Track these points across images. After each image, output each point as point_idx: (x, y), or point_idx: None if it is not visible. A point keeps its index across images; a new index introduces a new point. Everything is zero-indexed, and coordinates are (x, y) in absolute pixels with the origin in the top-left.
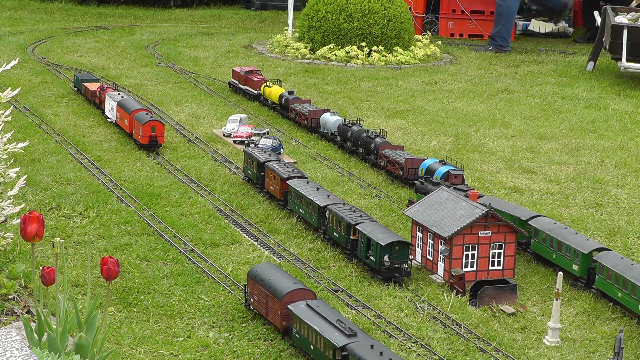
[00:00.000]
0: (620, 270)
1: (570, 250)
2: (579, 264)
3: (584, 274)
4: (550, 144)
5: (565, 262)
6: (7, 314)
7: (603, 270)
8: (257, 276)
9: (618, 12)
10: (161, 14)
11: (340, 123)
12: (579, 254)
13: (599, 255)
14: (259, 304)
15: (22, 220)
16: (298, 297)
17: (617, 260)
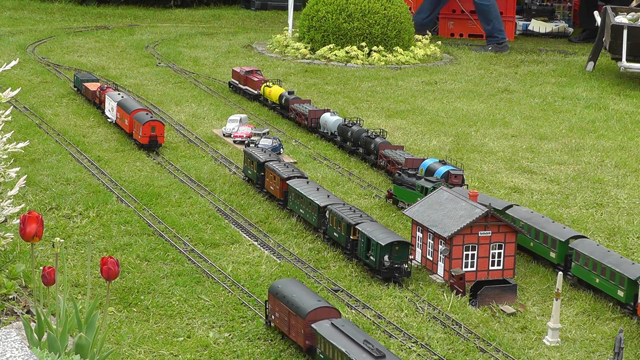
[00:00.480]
0: (598, 257)
1: (547, 238)
2: (556, 252)
3: (562, 261)
4: (550, 144)
5: (543, 250)
6: (7, 314)
7: (580, 257)
8: (278, 292)
9: (618, 12)
10: (161, 14)
11: (340, 123)
12: (557, 242)
13: (574, 242)
14: (280, 322)
15: (22, 220)
16: (322, 316)
17: (594, 248)
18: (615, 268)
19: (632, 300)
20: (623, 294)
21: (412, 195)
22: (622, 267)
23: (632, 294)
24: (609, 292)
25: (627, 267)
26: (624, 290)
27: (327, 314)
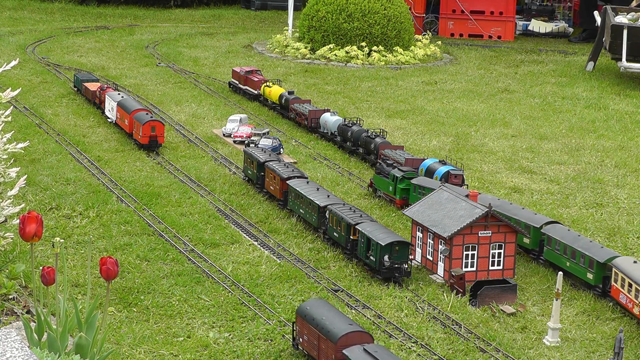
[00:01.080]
0: (568, 241)
1: (520, 224)
2: (530, 238)
3: (536, 246)
4: (550, 144)
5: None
6: (7, 314)
7: (551, 242)
8: (307, 314)
9: (618, 12)
10: (161, 14)
11: (340, 123)
12: (530, 227)
13: (546, 227)
14: (309, 345)
15: (21, 220)
16: (354, 341)
17: (565, 232)
18: (584, 251)
19: (600, 282)
20: (592, 276)
21: (386, 183)
22: (591, 250)
23: (601, 276)
24: (579, 274)
25: (596, 250)
26: (593, 272)
27: (360, 338)
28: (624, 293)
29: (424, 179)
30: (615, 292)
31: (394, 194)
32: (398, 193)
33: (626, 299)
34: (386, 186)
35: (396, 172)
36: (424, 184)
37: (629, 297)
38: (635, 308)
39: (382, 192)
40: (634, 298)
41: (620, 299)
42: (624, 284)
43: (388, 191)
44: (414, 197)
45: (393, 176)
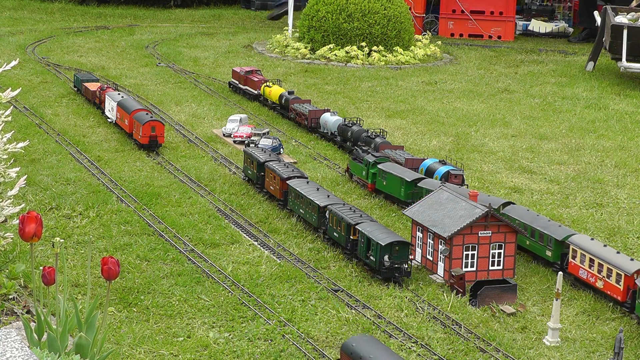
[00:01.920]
0: (527, 221)
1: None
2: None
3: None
4: (550, 144)
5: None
6: (7, 314)
7: (511, 222)
8: (354, 352)
9: (618, 12)
10: (161, 14)
11: (340, 123)
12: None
13: (506, 208)
14: None
15: (21, 220)
16: None
17: (524, 212)
18: (543, 230)
19: (559, 260)
20: (551, 253)
21: (360, 168)
22: (549, 229)
23: (559, 254)
24: (538, 252)
25: (554, 229)
26: (552, 250)
27: None
28: (584, 269)
29: (391, 165)
30: (573, 268)
31: (366, 178)
32: (370, 177)
33: (587, 274)
34: (360, 171)
35: (369, 157)
36: (388, 170)
37: (591, 272)
38: (599, 282)
39: (357, 176)
40: (596, 272)
41: (580, 274)
42: (583, 259)
43: (361, 175)
44: (379, 182)
45: (366, 161)
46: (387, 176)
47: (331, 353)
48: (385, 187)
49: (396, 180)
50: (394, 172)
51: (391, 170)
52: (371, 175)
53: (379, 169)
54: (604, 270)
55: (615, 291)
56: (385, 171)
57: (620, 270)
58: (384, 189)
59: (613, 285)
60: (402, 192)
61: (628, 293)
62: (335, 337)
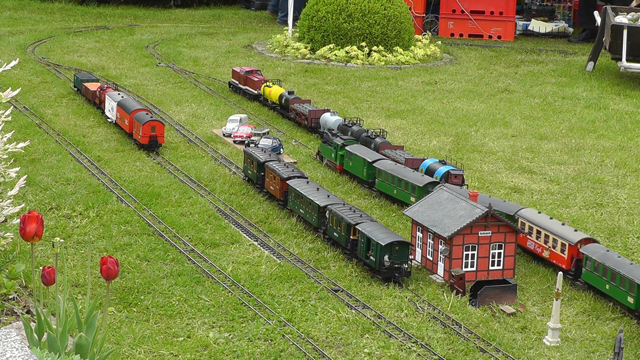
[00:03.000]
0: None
1: (408, 185)
2: (415, 196)
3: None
4: (550, 144)
5: (404, 196)
6: (7, 314)
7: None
8: None
9: (618, 12)
10: (161, 14)
11: (340, 123)
12: (415, 187)
13: (435, 188)
14: None
15: (21, 220)
16: None
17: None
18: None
19: None
20: None
21: (329, 150)
22: (498, 205)
23: None
24: None
25: (502, 205)
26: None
27: None
28: (532, 240)
29: (356, 147)
30: (521, 240)
31: (335, 160)
32: (338, 159)
33: (534, 244)
34: (329, 153)
35: (337, 140)
36: (353, 151)
37: (538, 243)
38: (545, 252)
39: (327, 159)
40: (542, 243)
41: (527, 245)
42: (531, 231)
43: (331, 158)
44: (346, 163)
45: (335, 144)
46: (353, 157)
47: (331, 353)
48: (351, 167)
49: (359, 161)
50: (358, 153)
51: (356, 152)
52: (339, 157)
53: (346, 151)
54: (550, 241)
55: (560, 260)
56: (351, 153)
57: (565, 240)
58: (350, 169)
59: (558, 254)
60: (364, 172)
61: (572, 262)
62: (335, 337)
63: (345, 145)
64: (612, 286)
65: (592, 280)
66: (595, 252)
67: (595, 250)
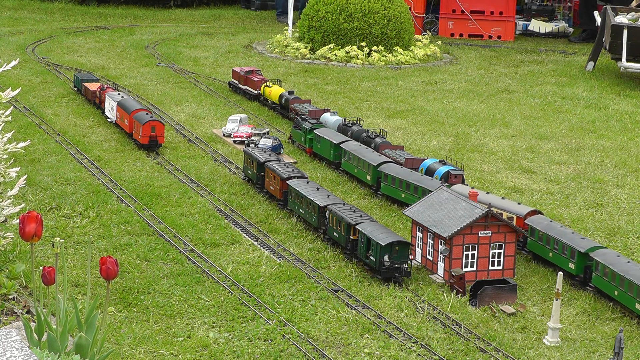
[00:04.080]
0: (403, 176)
1: (364, 164)
2: (370, 174)
3: (374, 182)
4: (550, 144)
5: (362, 174)
6: (7, 314)
7: (387, 178)
8: None
9: (618, 12)
10: (161, 14)
11: (340, 123)
12: (370, 166)
13: (382, 167)
14: None
15: (21, 220)
16: None
17: (398, 169)
18: (418, 184)
19: None
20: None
21: (299, 134)
22: (423, 182)
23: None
24: (408, 201)
25: (428, 182)
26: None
27: None
28: None
29: (324, 130)
30: None
31: (305, 143)
32: (307, 142)
33: None
34: (300, 137)
35: (306, 124)
36: (321, 134)
37: None
38: None
39: (298, 142)
40: None
41: None
42: None
43: (301, 141)
44: (315, 145)
45: (304, 128)
46: (321, 140)
47: (331, 353)
48: (319, 149)
49: (326, 143)
50: (325, 136)
51: (323, 135)
52: (308, 140)
53: (315, 134)
54: None
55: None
56: (319, 136)
57: (512, 214)
58: (318, 151)
59: None
60: (330, 154)
61: None
62: (335, 337)
63: (314, 129)
64: (555, 254)
65: (537, 250)
66: (539, 223)
67: (540, 221)
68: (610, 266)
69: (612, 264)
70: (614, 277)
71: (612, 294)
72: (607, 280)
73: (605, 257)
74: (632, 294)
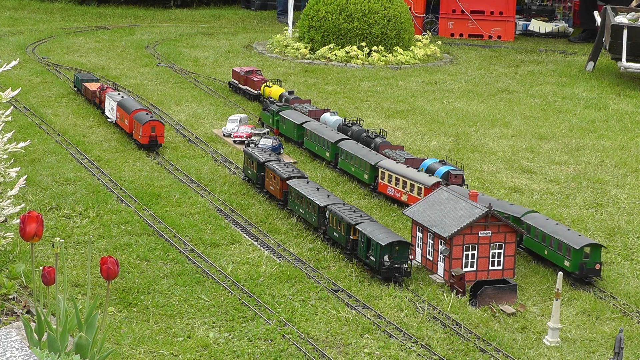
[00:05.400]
0: (352, 151)
1: (322, 140)
2: (329, 151)
3: (333, 158)
4: (550, 144)
5: (322, 151)
6: (7, 314)
7: (343, 154)
8: None
9: (618, 12)
10: (161, 14)
11: (340, 123)
12: (329, 143)
13: (340, 143)
14: None
15: (21, 220)
16: None
17: (352, 145)
18: (362, 157)
19: (373, 181)
20: (367, 176)
21: (267, 116)
22: (367, 156)
23: (373, 176)
24: (359, 176)
25: (370, 156)
26: (367, 173)
27: None
28: (392, 187)
29: (289, 112)
30: (382, 187)
31: (272, 124)
32: (274, 123)
33: (394, 190)
34: (268, 119)
35: (274, 107)
36: (286, 116)
37: (396, 189)
38: (403, 196)
39: (267, 124)
40: (401, 188)
41: (387, 192)
42: (390, 179)
43: (269, 123)
44: (281, 126)
45: (272, 111)
46: (286, 121)
47: (331, 353)
48: (285, 130)
49: (290, 124)
50: (289, 117)
51: (288, 117)
52: (275, 121)
53: (280, 116)
54: (407, 186)
55: (416, 201)
56: (285, 117)
57: (421, 184)
58: (284, 132)
59: (415, 197)
60: (294, 133)
61: None
62: (335, 337)
63: (280, 111)
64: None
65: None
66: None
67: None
68: (540, 228)
69: (542, 226)
70: (544, 237)
71: (543, 253)
72: (537, 241)
73: (535, 220)
74: (561, 252)
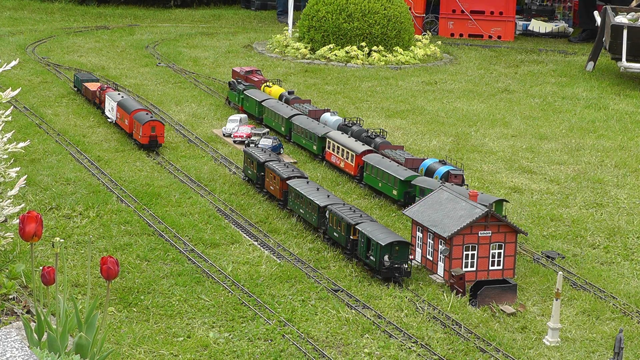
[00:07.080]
0: (304, 125)
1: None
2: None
3: (287, 132)
4: (550, 144)
5: (277, 126)
6: (7, 314)
7: (295, 128)
8: None
9: (618, 12)
10: (161, 14)
11: (340, 123)
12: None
13: (293, 118)
14: None
15: (21, 220)
16: None
17: (303, 120)
18: (310, 130)
19: (321, 152)
20: (315, 147)
21: (234, 95)
22: (315, 129)
23: (321, 147)
24: (309, 148)
25: (319, 129)
26: (316, 144)
27: None
28: (334, 155)
29: (252, 91)
30: (328, 156)
31: (238, 102)
32: (239, 101)
33: (336, 158)
34: (234, 98)
35: (240, 86)
36: (249, 95)
37: (337, 157)
38: (342, 163)
39: (233, 103)
40: (340, 156)
41: (331, 160)
42: (334, 148)
43: (235, 101)
44: (245, 104)
45: (238, 90)
46: (249, 99)
47: (331, 353)
48: (248, 107)
49: (253, 102)
50: (252, 96)
51: (251, 95)
52: (241, 99)
53: (245, 95)
54: (344, 154)
55: (350, 168)
56: (248, 96)
57: (353, 151)
58: (247, 109)
59: (349, 163)
60: (256, 110)
61: (357, 168)
62: (335, 337)
63: (244, 90)
64: (383, 184)
65: (370, 181)
66: (372, 159)
67: (372, 158)
68: (376, 165)
69: (377, 164)
70: (378, 173)
71: (377, 186)
72: (373, 176)
73: (371, 159)
74: (390, 183)
